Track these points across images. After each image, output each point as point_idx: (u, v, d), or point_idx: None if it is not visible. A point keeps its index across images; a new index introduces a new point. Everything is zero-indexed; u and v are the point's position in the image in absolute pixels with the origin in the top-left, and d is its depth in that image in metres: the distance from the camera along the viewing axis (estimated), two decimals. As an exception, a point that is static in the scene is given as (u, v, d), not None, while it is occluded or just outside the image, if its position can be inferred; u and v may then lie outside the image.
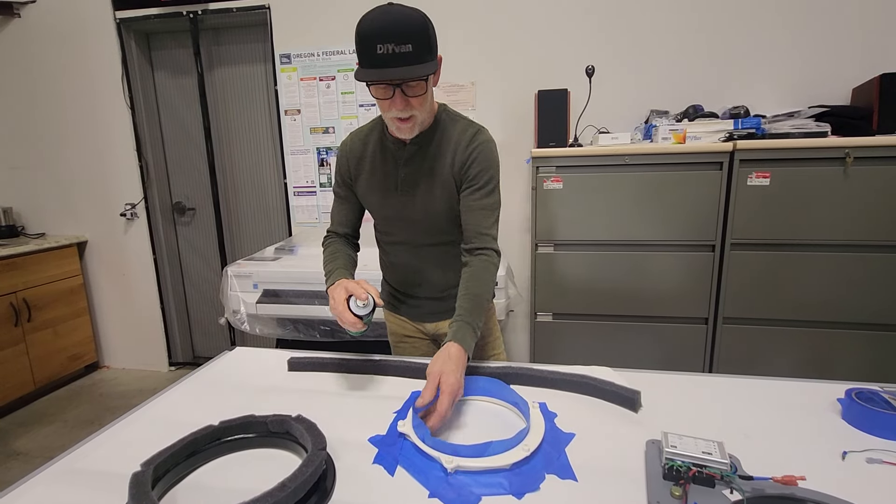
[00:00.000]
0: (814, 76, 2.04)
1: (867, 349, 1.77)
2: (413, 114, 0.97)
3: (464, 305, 1.00)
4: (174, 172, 2.97)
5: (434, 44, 0.92)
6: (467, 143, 1.05)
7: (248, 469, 0.74)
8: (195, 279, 3.09)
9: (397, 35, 0.86)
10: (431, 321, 1.26)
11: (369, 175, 1.13)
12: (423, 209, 1.10)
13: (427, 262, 1.18)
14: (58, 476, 0.74)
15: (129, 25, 2.67)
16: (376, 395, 0.96)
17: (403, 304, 1.28)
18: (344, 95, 2.49)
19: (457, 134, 1.07)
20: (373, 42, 0.87)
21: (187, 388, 1.03)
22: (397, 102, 0.94)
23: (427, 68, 0.90)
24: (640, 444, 0.76)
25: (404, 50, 0.87)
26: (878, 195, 1.67)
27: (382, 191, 1.12)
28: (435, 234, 1.13)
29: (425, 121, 1.04)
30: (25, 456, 2.19)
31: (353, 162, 1.14)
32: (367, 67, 0.90)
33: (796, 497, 0.61)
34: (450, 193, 1.08)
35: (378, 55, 0.87)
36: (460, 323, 0.98)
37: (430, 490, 0.68)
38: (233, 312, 1.98)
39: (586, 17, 2.20)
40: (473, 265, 1.05)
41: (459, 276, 1.10)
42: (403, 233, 1.16)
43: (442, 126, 1.08)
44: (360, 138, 1.15)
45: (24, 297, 2.56)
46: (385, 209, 1.14)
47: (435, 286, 1.20)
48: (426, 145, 1.07)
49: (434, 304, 1.23)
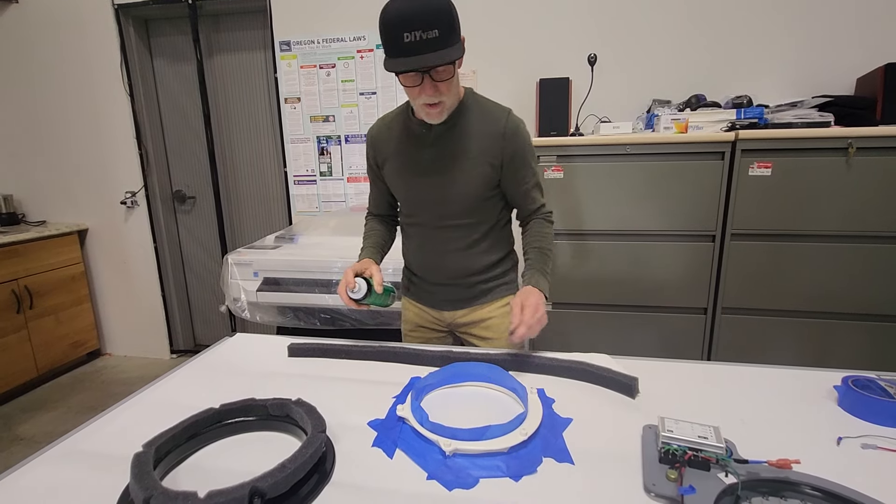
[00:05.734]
0: (817, 66, 2.03)
1: (866, 340, 1.78)
2: (442, 99, 0.98)
3: (531, 257, 1.13)
4: (174, 160, 2.97)
5: (458, 25, 0.92)
6: (501, 127, 1.06)
7: (248, 451, 0.75)
8: (196, 267, 3.10)
9: (423, 21, 0.85)
10: (449, 309, 1.25)
11: (395, 158, 1.15)
12: (448, 190, 1.10)
13: (448, 245, 1.18)
14: (60, 457, 0.75)
15: (128, 12, 2.65)
16: (376, 381, 0.97)
17: (422, 290, 1.27)
18: (344, 83, 2.48)
19: (486, 116, 1.08)
20: (399, 30, 0.87)
21: (188, 373, 1.03)
22: (427, 89, 0.95)
23: (455, 52, 0.90)
24: (637, 429, 0.77)
25: (431, 35, 0.86)
26: (880, 186, 1.67)
27: (408, 173, 1.13)
28: (458, 216, 1.14)
29: (453, 105, 1.05)
30: (29, 441, 2.21)
31: (379, 147, 1.17)
32: (395, 56, 0.90)
33: (790, 480, 0.62)
34: (479, 175, 1.09)
35: (406, 43, 0.87)
36: (531, 271, 1.10)
37: (429, 472, 0.69)
38: (233, 300, 1.98)
39: (589, 5, 2.18)
40: (530, 225, 1.18)
41: (479, 262, 1.18)
42: (426, 214, 1.17)
43: (469, 107, 1.08)
44: (386, 123, 1.17)
45: (26, 285, 2.57)
46: (410, 191, 1.16)
47: (455, 271, 1.20)
48: (453, 127, 1.08)
49: (453, 290, 1.22)
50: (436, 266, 1.22)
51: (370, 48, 2.40)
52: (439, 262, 1.20)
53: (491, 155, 1.07)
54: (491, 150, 1.07)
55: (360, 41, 2.40)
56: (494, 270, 1.22)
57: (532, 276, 1.09)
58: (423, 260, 1.24)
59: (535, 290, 1.04)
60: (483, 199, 1.12)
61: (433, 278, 1.24)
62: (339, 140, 2.55)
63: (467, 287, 1.21)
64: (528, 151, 1.11)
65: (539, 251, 1.13)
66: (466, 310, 1.23)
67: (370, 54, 2.41)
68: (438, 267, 1.21)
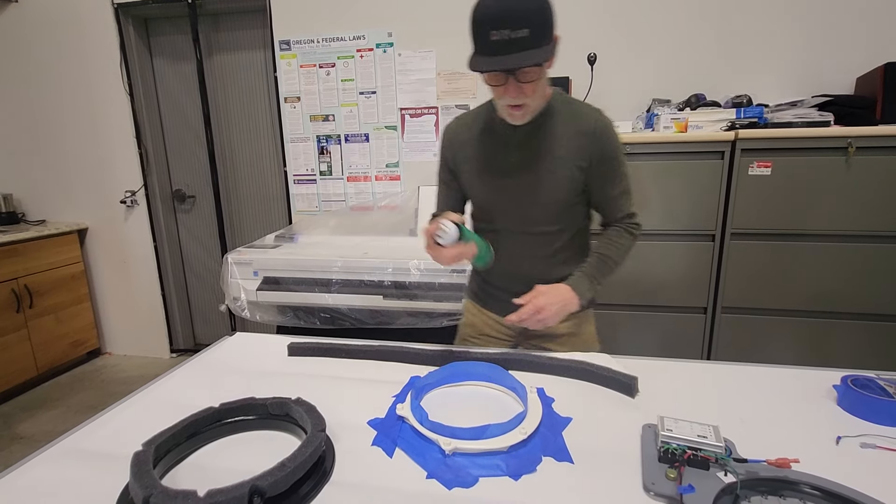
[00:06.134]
0: (817, 65, 2.03)
1: (865, 339, 1.78)
2: (526, 101, 0.93)
3: (590, 261, 1.06)
4: (174, 160, 2.96)
5: (552, 24, 0.86)
6: (591, 126, 1.00)
7: (248, 450, 0.75)
8: (195, 267, 3.10)
9: (513, 19, 0.81)
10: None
11: (474, 160, 1.09)
12: (533, 195, 1.05)
13: (524, 251, 1.11)
14: (60, 456, 0.75)
15: (128, 11, 2.65)
16: (376, 380, 0.97)
17: (492, 297, 1.20)
18: (344, 83, 2.47)
19: (575, 116, 1.02)
20: (487, 28, 0.83)
21: (188, 372, 1.03)
22: (510, 90, 0.91)
23: (543, 54, 0.85)
24: (637, 429, 0.77)
25: (520, 35, 0.82)
26: (879, 185, 1.67)
27: (489, 175, 1.08)
28: (541, 222, 1.08)
29: (539, 107, 1.00)
30: (29, 440, 2.21)
31: (457, 147, 1.11)
32: (481, 54, 0.86)
33: (789, 479, 0.62)
34: (566, 179, 1.03)
35: (493, 41, 0.83)
36: (580, 273, 1.04)
37: (428, 471, 0.69)
38: (233, 299, 1.98)
39: (589, 4, 2.18)
40: (608, 231, 1.09)
41: (559, 271, 1.09)
42: (506, 220, 1.10)
43: (557, 108, 1.03)
44: (466, 123, 1.11)
45: (26, 284, 2.57)
46: (489, 194, 1.10)
47: (529, 278, 1.10)
48: (540, 127, 1.02)
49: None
50: (512, 274, 1.14)
51: (370, 47, 2.40)
52: (516, 271, 1.13)
53: (579, 157, 1.01)
54: (579, 152, 1.01)
55: (359, 40, 2.39)
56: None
57: (578, 278, 1.03)
58: (498, 267, 1.14)
59: (566, 293, 1.00)
60: (569, 205, 1.06)
61: (507, 286, 1.15)
62: (339, 139, 2.55)
63: None
64: (619, 154, 1.03)
65: (601, 258, 1.06)
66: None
67: (370, 53, 2.40)
68: (515, 275, 1.13)
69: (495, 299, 1.19)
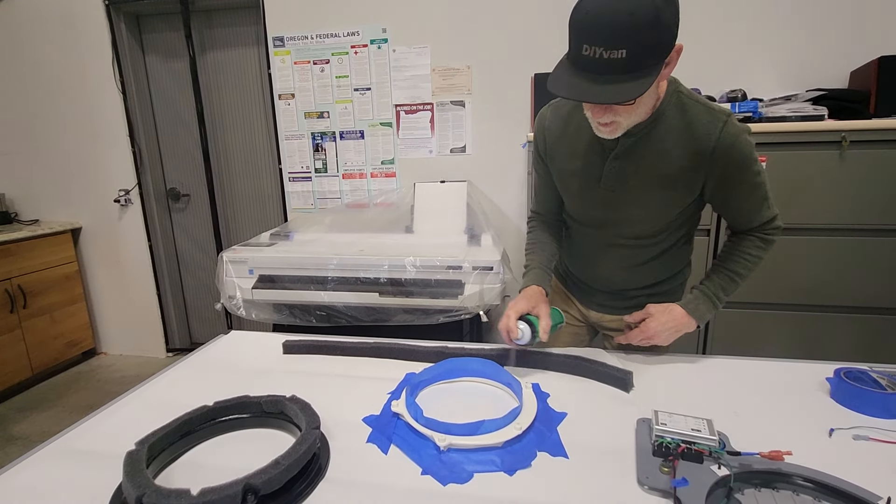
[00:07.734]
0: (812, 59, 2.03)
1: (858, 332, 1.79)
2: (616, 119, 0.80)
3: (713, 277, 0.98)
4: (168, 158, 2.95)
5: (664, 44, 0.72)
6: (712, 142, 0.84)
7: (242, 448, 0.75)
8: (191, 265, 3.09)
9: (609, 37, 0.67)
10: (598, 311, 1.15)
11: (567, 159, 0.97)
12: (626, 210, 0.94)
13: (612, 260, 1.04)
14: (53, 456, 0.74)
15: (119, 7, 2.62)
16: (370, 377, 0.97)
17: (575, 286, 1.17)
18: (338, 79, 2.46)
19: (693, 124, 0.85)
20: (580, 38, 0.70)
21: (182, 371, 1.03)
22: (596, 111, 0.80)
23: (636, 88, 0.69)
24: (631, 423, 0.77)
25: (615, 56, 0.68)
26: (873, 179, 1.67)
27: (582, 182, 0.96)
28: (631, 236, 0.99)
29: (636, 121, 0.84)
30: (24, 440, 2.20)
31: (551, 139, 1.00)
32: (567, 67, 0.74)
33: (782, 472, 0.62)
34: (669, 199, 0.91)
35: (582, 56, 0.70)
36: (697, 291, 0.99)
37: (423, 468, 0.69)
38: (229, 298, 1.98)
39: None
40: (739, 238, 0.98)
41: (648, 279, 1.05)
42: (594, 227, 1.02)
43: (670, 113, 0.86)
44: (562, 115, 0.98)
45: (20, 284, 2.55)
46: (580, 200, 1.00)
47: (613, 283, 1.07)
48: (648, 136, 0.87)
49: (607, 297, 1.12)
50: (598, 277, 1.10)
51: (364, 43, 2.38)
52: (602, 275, 1.08)
53: (692, 179, 0.88)
54: (693, 173, 0.87)
55: (353, 36, 2.38)
56: (661, 287, 1.08)
57: (697, 298, 0.96)
58: (585, 267, 1.10)
59: (681, 318, 0.94)
60: (669, 223, 0.96)
61: (592, 283, 1.12)
62: (334, 136, 2.54)
63: (626, 298, 1.09)
64: (748, 168, 0.87)
65: (728, 276, 0.96)
66: (617, 316, 1.12)
67: (364, 50, 2.39)
68: (600, 278, 1.09)
69: (577, 288, 1.17)
